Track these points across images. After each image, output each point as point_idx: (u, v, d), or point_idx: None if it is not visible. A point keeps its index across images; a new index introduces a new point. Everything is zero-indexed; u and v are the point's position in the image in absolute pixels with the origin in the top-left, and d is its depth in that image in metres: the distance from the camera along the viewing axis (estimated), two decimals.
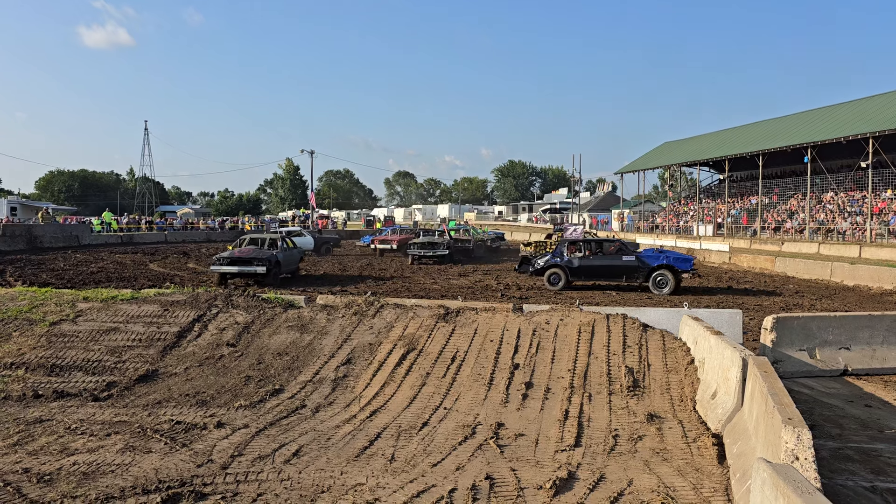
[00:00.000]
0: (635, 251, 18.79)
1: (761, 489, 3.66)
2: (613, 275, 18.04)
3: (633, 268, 17.71)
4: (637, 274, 17.68)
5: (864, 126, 36.18)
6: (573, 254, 18.47)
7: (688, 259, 17.85)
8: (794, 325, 8.97)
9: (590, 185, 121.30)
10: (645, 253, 18.44)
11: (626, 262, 17.83)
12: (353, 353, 9.10)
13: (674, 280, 17.29)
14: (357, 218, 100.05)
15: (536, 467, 5.56)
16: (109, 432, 6.42)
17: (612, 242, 19.66)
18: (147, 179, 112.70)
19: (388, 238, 33.34)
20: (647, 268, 17.53)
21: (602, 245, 19.31)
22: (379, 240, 33.39)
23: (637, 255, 18.00)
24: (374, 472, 5.45)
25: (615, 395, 7.51)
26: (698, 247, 37.02)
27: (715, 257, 32.62)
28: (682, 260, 17.68)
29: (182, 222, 62.96)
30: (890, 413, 7.16)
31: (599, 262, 18.19)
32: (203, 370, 8.73)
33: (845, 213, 38.83)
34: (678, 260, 17.61)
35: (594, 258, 18.30)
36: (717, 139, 55.45)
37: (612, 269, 18.00)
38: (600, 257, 18.35)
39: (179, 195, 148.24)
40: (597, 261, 18.23)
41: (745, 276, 24.04)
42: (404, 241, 31.50)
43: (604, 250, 18.86)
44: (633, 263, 17.74)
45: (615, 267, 17.93)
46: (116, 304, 10.96)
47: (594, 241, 19.85)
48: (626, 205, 66.66)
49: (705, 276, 23.31)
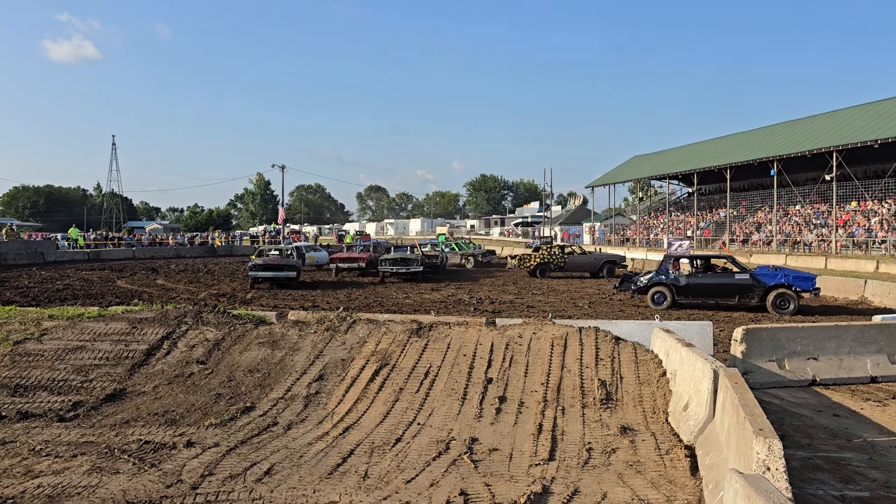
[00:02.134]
0: (748, 269, 17.41)
1: (734, 500, 3.69)
2: (725, 294, 16.81)
3: (748, 286, 16.54)
4: (752, 293, 16.51)
5: (829, 140, 37.04)
6: (679, 271, 17.52)
7: (809, 278, 16.47)
8: (763, 337, 9.09)
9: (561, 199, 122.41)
10: (759, 271, 17.23)
11: (740, 281, 16.64)
12: (325, 369, 9.02)
13: (797, 299, 16.12)
14: (329, 233, 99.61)
15: (511, 482, 5.53)
16: (75, 453, 6.27)
17: (724, 258, 18.31)
18: (114, 195, 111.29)
19: (353, 255, 27.85)
20: (764, 286, 16.35)
21: (710, 262, 18.21)
22: (340, 257, 28.07)
23: (751, 273, 16.80)
24: (348, 489, 5.38)
25: (588, 408, 7.52)
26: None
27: None
28: (803, 279, 16.35)
29: (150, 238, 62.12)
30: (857, 422, 7.27)
31: (710, 281, 17.04)
32: (172, 388, 8.59)
33: (811, 225, 39.60)
34: (798, 279, 16.31)
35: (703, 276, 17.23)
36: (686, 153, 56.31)
37: (723, 287, 16.80)
38: (710, 275, 17.27)
39: (148, 210, 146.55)
40: (707, 279, 17.11)
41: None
42: (370, 257, 27.48)
43: (713, 267, 17.84)
44: (748, 282, 16.55)
45: (727, 286, 16.74)
46: (83, 322, 10.75)
47: (702, 256, 18.73)
48: (597, 218, 67.27)
49: None
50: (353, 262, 27.19)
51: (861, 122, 37.22)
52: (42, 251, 38.94)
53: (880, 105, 38.45)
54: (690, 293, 17.07)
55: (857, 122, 37.67)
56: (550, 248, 28.03)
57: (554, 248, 27.97)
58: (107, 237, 58.84)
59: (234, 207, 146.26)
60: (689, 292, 17.07)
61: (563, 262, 27.17)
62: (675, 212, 56.62)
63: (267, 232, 73.72)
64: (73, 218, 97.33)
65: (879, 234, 34.13)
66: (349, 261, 27.35)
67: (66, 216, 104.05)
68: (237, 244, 61.14)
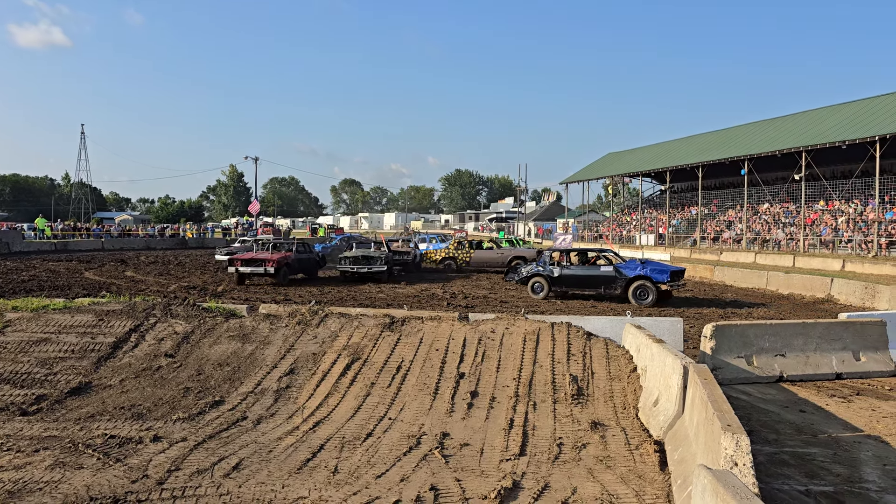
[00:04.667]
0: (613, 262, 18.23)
1: (702, 495, 3.71)
2: (592, 284, 17.89)
3: (612, 278, 17.52)
4: (615, 284, 17.48)
5: (798, 140, 37.59)
6: (556, 263, 18.55)
7: (665, 270, 17.37)
8: (732, 333, 9.19)
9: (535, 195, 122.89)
10: (626, 264, 18.02)
11: (605, 273, 17.66)
12: (296, 363, 8.94)
13: (655, 291, 16.98)
14: (302, 226, 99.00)
15: (481, 477, 5.53)
16: (38, 448, 6.13)
17: (602, 252, 19.31)
18: (83, 185, 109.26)
19: (258, 257, 21.00)
20: (626, 278, 17.31)
21: (586, 255, 19.12)
22: (242, 259, 21.10)
23: (616, 266, 17.73)
24: (317, 484, 5.34)
25: (560, 403, 7.55)
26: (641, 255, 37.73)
27: None
28: (660, 271, 17.27)
29: (120, 229, 61.22)
30: (823, 418, 7.39)
31: (579, 272, 18.08)
32: (139, 382, 8.45)
33: (780, 223, 40.19)
34: (655, 271, 17.25)
35: (574, 268, 18.25)
36: (659, 151, 56.81)
37: (590, 279, 17.85)
38: (580, 267, 18.26)
39: (118, 201, 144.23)
40: (576, 271, 18.14)
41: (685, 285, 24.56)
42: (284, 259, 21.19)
43: (587, 260, 18.73)
44: (611, 274, 17.54)
45: (594, 277, 17.80)
46: (48, 314, 10.54)
47: (578, 250, 19.53)
48: (570, 214, 67.68)
49: None
50: (258, 266, 20.63)
51: (829, 123, 37.83)
52: (7, 241, 38.17)
53: (848, 107, 39.11)
54: (563, 284, 18.29)
55: (825, 123, 38.28)
56: (460, 244, 28.91)
57: (464, 244, 28.91)
58: (75, 228, 57.89)
59: (206, 199, 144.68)
60: (562, 283, 18.28)
61: (469, 257, 27.73)
62: (647, 209, 57.12)
63: (239, 224, 72.99)
64: (40, 208, 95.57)
65: (846, 233, 34.76)
66: (253, 264, 20.77)
67: (32, 206, 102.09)
68: (209, 236, 60.47)
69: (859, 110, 37.17)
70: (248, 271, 20.73)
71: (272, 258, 20.75)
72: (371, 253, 23.16)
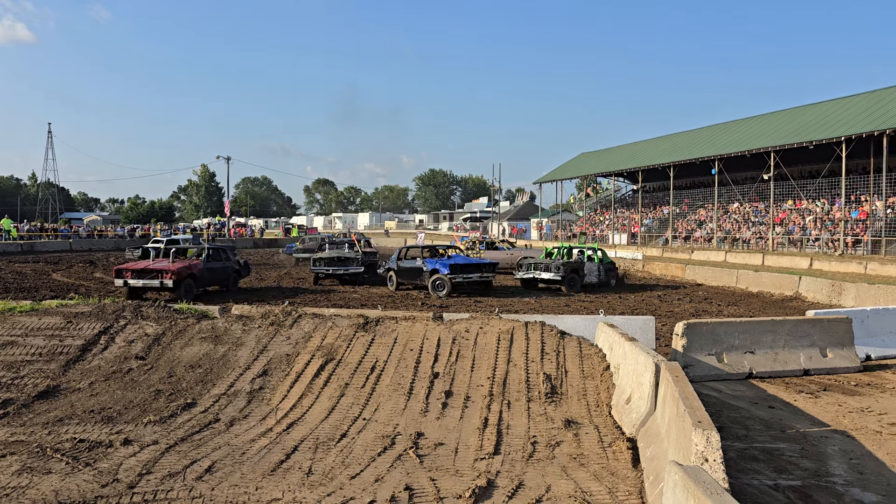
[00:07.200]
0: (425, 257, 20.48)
1: (673, 491, 3.75)
2: (415, 276, 20.05)
3: (421, 271, 19.66)
4: (421, 277, 19.68)
5: (767, 140, 38.19)
6: (400, 258, 21.14)
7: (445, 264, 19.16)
8: (703, 331, 9.31)
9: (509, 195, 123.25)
10: (435, 260, 19.85)
11: (419, 266, 19.81)
12: (269, 364, 8.87)
13: (450, 284, 18.83)
14: (275, 226, 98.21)
15: (456, 476, 5.54)
16: (4, 453, 6.01)
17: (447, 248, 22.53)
18: (50, 185, 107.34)
19: (156, 267, 17.03)
20: (430, 271, 19.32)
21: (436, 250, 21.80)
22: (135, 269, 17.04)
23: (424, 259, 19.97)
24: (291, 486, 5.30)
25: (533, 401, 7.58)
26: (614, 255, 38.07)
27: (629, 265, 33.64)
28: (443, 265, 19.11)
29: (89, 230, 60.26)
30: (791, 413, 7.51)
31: (406, 266, 20.41)
32: (109, 385, 8.33)
33: (750, 222, 40.79)
34: (443, 265, 19.11)
35: (403, 262, 20.72)
36: (631, 150, 57.33)
37: (413, 271, 20.11)
38: (408, 261, 20.68)
39: (86, 201, 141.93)
40: (404, 264, 20.57)
41: (657, 284, 24.87)
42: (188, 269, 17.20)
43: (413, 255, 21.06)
44: (419, 266, 19.81)
45: (414, 270, 20.02)
46: (14, 317, 10.34)
47: (429, 247, 22.11)
48: (544, 214, 68.01)
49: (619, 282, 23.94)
50: (153, 279, 16.63)
51: (797, 124, 38.49)
52: None
53: (816, 108, 39.84)
54: (401, 276, 20.69)
55: (794, 124, 38.93)
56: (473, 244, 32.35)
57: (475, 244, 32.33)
58: (42, 228, 56.90)
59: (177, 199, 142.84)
60: (400, 276, 20.70)
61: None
62: (620, 208, 57.61)
63: (211, 225, 72.25)
64: (6, 208, 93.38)
65: (813, 232, 35.39)
66: (147, 275, 16.77)
67: None
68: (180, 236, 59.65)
69: (827, 111, 37.85)
70: (139, 285, 16.73)
71: (171, 268, 16.73)
72: (346, 254, 22.68)
